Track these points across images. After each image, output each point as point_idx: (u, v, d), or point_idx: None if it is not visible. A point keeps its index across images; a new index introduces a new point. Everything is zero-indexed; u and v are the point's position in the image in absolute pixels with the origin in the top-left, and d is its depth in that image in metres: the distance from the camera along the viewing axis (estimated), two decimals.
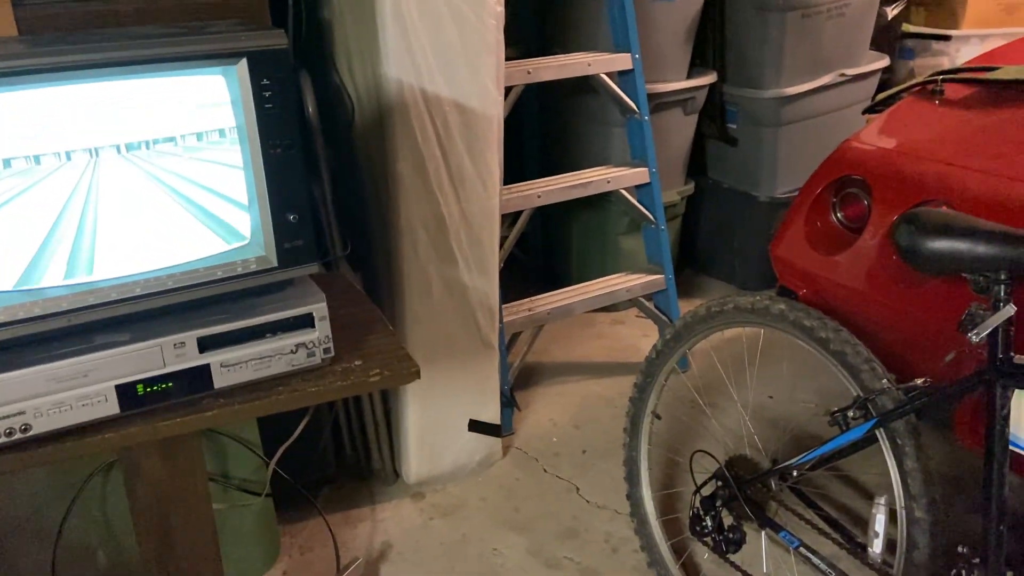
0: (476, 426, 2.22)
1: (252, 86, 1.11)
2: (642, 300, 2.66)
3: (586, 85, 2.53)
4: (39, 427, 1.07)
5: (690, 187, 3.11)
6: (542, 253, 3.35)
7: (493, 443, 2.30)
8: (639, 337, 2.94)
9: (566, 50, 2.60)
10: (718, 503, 1.67)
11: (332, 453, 2.21)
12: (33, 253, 1.07)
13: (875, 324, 1.69)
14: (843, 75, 2.99)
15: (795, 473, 1.60)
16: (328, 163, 2.07)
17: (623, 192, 2.57)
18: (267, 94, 1.13)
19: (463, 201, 2.03)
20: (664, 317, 2.69)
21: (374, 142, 1.99)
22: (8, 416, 1.04)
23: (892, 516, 1.44)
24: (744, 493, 1.63)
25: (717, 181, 3.21)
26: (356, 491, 2.20)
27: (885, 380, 1.43)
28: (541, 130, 3.18)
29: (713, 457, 1.75)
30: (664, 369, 1.82)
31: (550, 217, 3.16)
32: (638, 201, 2.62)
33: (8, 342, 1.06)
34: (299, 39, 2.04)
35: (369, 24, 1.85)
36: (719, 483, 1.68)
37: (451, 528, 2.08)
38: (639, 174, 2.56)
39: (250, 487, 1.86)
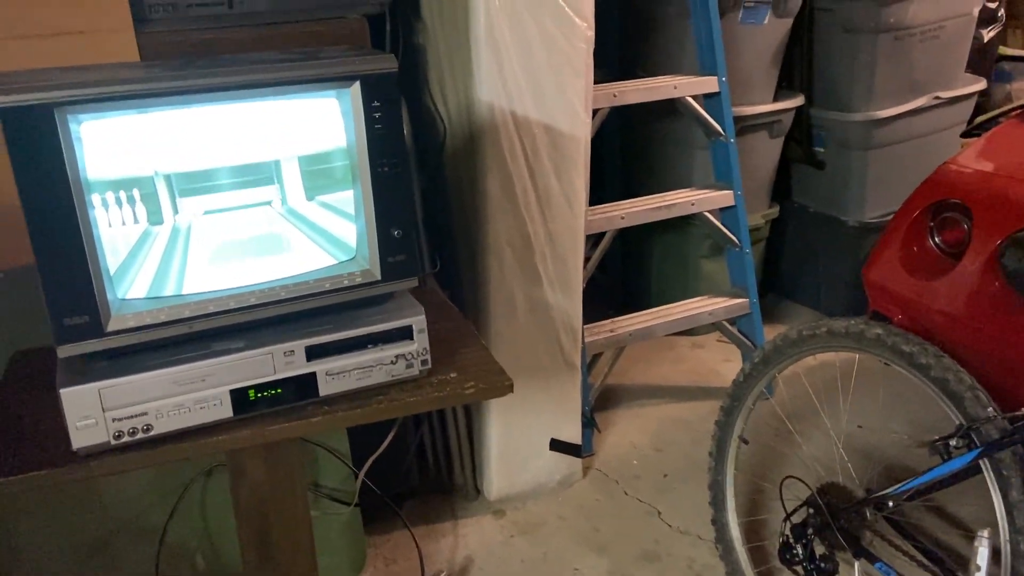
0: (557, 445, 2.23)
1: (364, 108, 1.17)
2: (725, 324, 2.63)
3: (669, 107, 2.54)
4: (160, 428, 1.13)
5: (775, 210, 3.07)
6: (621, 274, 3.35)
7: (573, 463, 2.30)
8: (720, 362, 2.90)
9: (649, 73, 2.61)
10: (810, 531, 1.64)
11: (416, 467, 2.25)
12: (158, 264, 1.14)
13: (976, 351, 1.63)
14: (937, 98, 2.92)
15: (891, 503, 1.56)
16: (418, 183, 2.13)
17: (707, 214, 2.56)
18: (377, 115, 1.18)
19: (549, 221, 2.06)
20: (748, 342, 2.65)
21: (463, 163, 2.04)
22: (133, 416, 1.11)
23: (995, 551, 1.39)
24: (838, 522, 1.59)
25: (803, 205, 3.15)
26: (438, 505, 2.23)
27: (990, 408, 1.38)
28: (622, 151, 3.19)
29: (805, 484, 1.71)
30: (752, 393, 1.80)
31: (630, 238, 3.17)
32: (722, 224, 2.60)
33: (136, 346, 1.13)
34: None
35: (463, 49, 1.91)
36: (811, 511, 1.65)
37: (532, 546, 2.09)
38: (724, 197, 2.54)
39: (339, 496, 1.91)
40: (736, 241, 2.59)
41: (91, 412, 1.09)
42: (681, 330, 2.62)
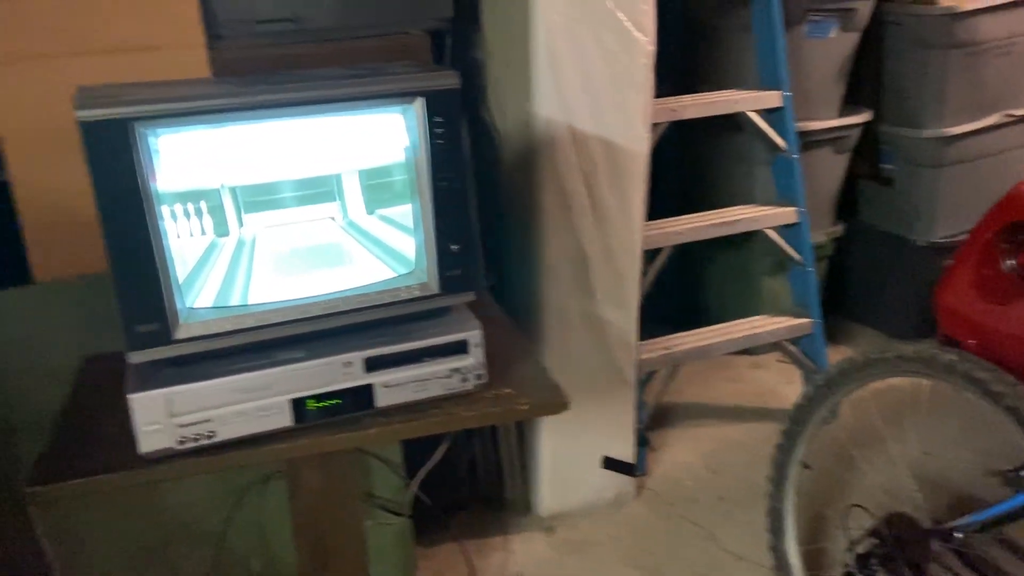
0: (610, 464, 2.20)
1: (426, 123, 1.18)
2: (786, 344, 2.57)
3: (729, 121, 2.51)
4: (222, 434, 1.16)
5: (839, 229, 3.00)
6: (677, 290, 3.30)
7: (626, 482, 2.27)
8: (780, 383, 2.83)
9: (709, 86, 2.58)
10: (874, 562, 1.58)
11: (468, 480, 2.25)
12: (224, 275, 1.17)
13: None
14: (1009, 116, 2.82)
15: (959, 535, 1.50)
16: (474, 197, 2.14)
17: (769, 232, 2.51)
18: (439, 131, 1.19)
19: (606, 237, 2.05)
20: (810, 363, 2.58)
21: (520, 178, 2.04)
22: (198, 423, 1.14)
23: None
24: (903, 553, 1.54)
25: (869, 223, 3.07)
26: (489, 520, 2.22)
27: None
28: (679, 165, 3.16)
29: (869, 513, 1.66)
30: (815, 417, 1.75)
31: (687, 254, 3.11)
32: (785, 241, 2.54)
33: (202, 354, 1.15)
34: None
35: (521, 64, 1.92)
36: (876, 541, 1.59)
37: (583, 565, 2.07)
38: (787, 214, 2.49)
39: (392, 507, 1.92)
40: (800, 259, 2.54)
41: (158, 417, 1.12)
42: (740, 349, 2.57)
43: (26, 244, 1.59)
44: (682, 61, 2.94)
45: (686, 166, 3.09)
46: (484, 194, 2.21)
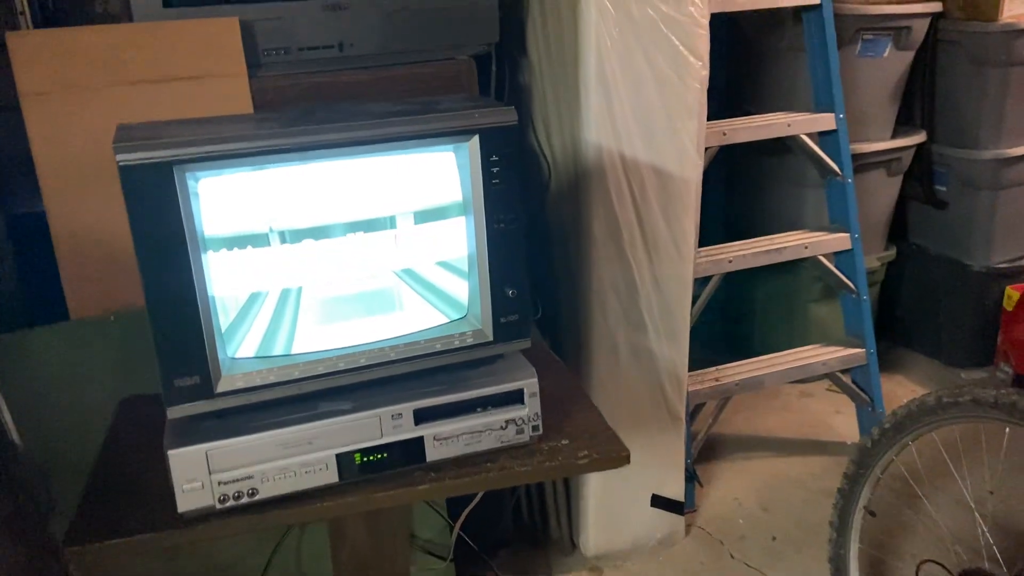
0: (659, 502, 2.12)
1: (481, 162, 1.11)
2: (838, 374, 2.47)
3: (778, 144, 2.41)
4: (265, 492, 1.09)
5: (891, 252, 2.89)
6: (720, 316, 3.20)
7: (675, 520, 2.18)
8: (831, 413, 2.72)
9: (758, 108, 2.50)
10: None
11: (511, 516, 2.17)
12: (268, 322, 1.11)
13: None
14: None
15: None
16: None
17: (821, 258, 2.41)
18: (495, 170, 1.12)
19: (656, 266, 1.97)
20: (863, 395, 2.48)
21: (568, 205, 1.97)
22: (239, 480, 1.08)
23: None
24: None
25: (921, 246, 2.96)
26: (532, 558, 2.14)
27: None
28: (724, 190, 3.07)
29: (944, 568, 1.55)
30: (880, 461, 1.65)
31: (730, 278, 3.02)
32: (836, 267, 2.44)
33: (243, 407, 1.09)
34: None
35: (571, 89, 1.85)
36: None
37: None
38: (840, 240, 2.39)
39: (434, 549, 1.85)
40: (852, 287, 2.44)
41: (198, 475, 1.06)
42: (791, 380, 2.47)
43: (62, 279, 1.55)
44: (729, 82, 2.86)
45: (734, 190, 3.00)
46: (530, 221, 2.14)
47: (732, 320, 3.11)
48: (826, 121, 2.34)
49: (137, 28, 1.53)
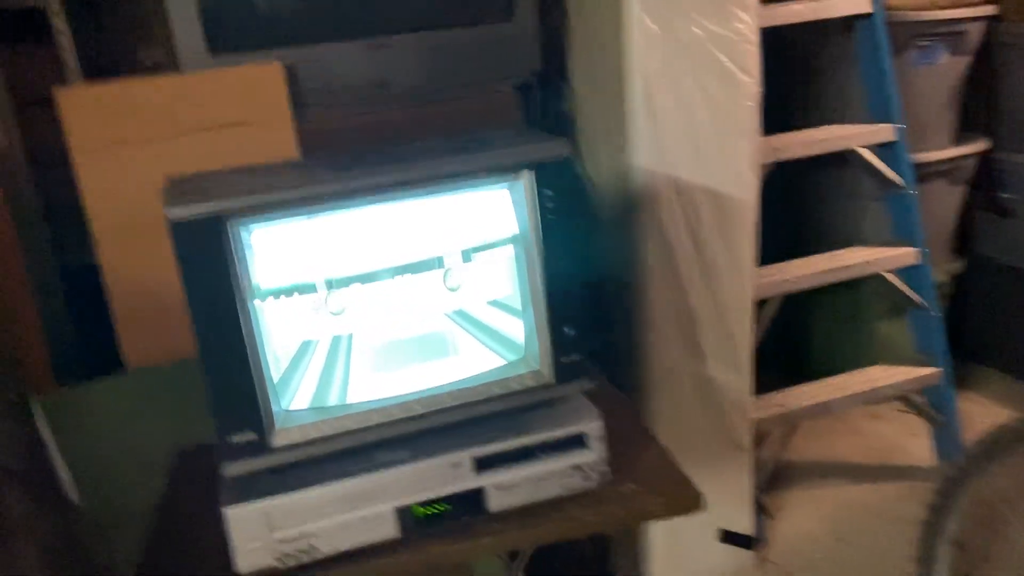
0: (728, 537, 2.03)
1: (535, 197, 1.07)
2: (910, 395, 2.36)
3: (832, 158, 2.33)
4: (324, 549, 1.06)
5: (958, 264, 2.76)
6: (779, 335, 3.09)
7: (745, 555, 2.09)
8: (905, 436, 2.60)
9: (809, 122, 2.42)
10: None
11: (572, 552, 2.10)
12: (320, 372, 1.07)
13: None
14: None
15: None
16: None
17: (886, 273, 2.31)
18: (550, 204, 1.08)
19: (714, 291, 1.90)
20: (937, 416, 2.36)
21: (618, 234, 1.92)
22: (298, 538, 1.04)
23: None
24: None
25: (988, 257, 2.82)
26: None
27: None
28: (778, 206, 2.97)
29: None
30: (968, 490, 1.55)
31: (787, 298, 2.93)
32: (904, 282, 2.34)
33: (298, 462, 1.06)
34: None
35: (617, 115, 1.81)
36: None
37: None
38: (906, 255, 2.29)
39: None
40: (922, 302, 2.33)
41: (256, 533, 1.03)
42: (861, 403, 2.36)
43: (116, 330, 1.55)
44: (775, 96, 2.78)
45: (786, 206, 2.90)
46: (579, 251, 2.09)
47: (789, 341, 3.00)
48: (884, 132, 2.25)
49: (183, 80, 1.54)
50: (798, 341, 2.93)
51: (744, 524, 2.06)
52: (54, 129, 1.49)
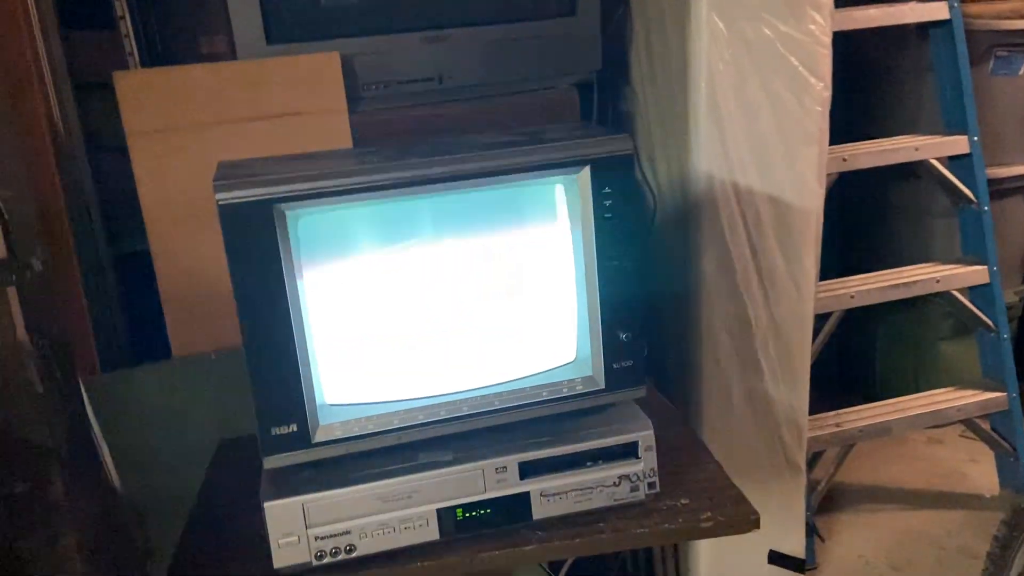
0: (777, 558, 1.95)
1: (593, 195, 1.03)
2: (975, 421, 2.24)
3: (900, 170, 2.23)
4: (363, 548, 1.03)
5: None
6: (836, 354, 2.99)
7: None
8: (965, 462, 2.48)
9: (878, 132, 2.32)
10: None
11: (615, 568, 2.04)
12: (366, 368, 1.05)
13: None
14: None
15: None
16: None
17: (954, 293, 2.21)
18: (607, 203, 1.04)
19: (772, 304, 1.83)
20: (1004, 443, 2.24)
21: (675, 239, 1.86)
22: (336, 535, 1.01)
23: None
24: None
25: None
26: None
27: None
28: (839, 219, 2.87)
29: None
30: None
31: (848, 316, 2.82)
32: (971, 302, 2.23)
33: (340, 457, 1.03)
34: None
35: (679, 117, 1.75)
36: None
37: None
38: (976, 273, 2.18)
39: None
40: (990, 324, 2.22)
41: (294, 528, 1.00)
42: (923, 427, 2.26)
43: (166, 318, 1.55)
44: (842, 104, 2.68)
45: (846, 220, 2.81)
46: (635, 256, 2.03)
47: (848, 360, 2.90)
48: (958, 144, 2.15)
49: (240, 66, 1.53)
50: (857, 360, 2.83)
51: (795, 546, 1.97)
52: (112, 115, 1.49)
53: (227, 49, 1.69)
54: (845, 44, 2.55)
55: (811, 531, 2.10)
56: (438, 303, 1.05)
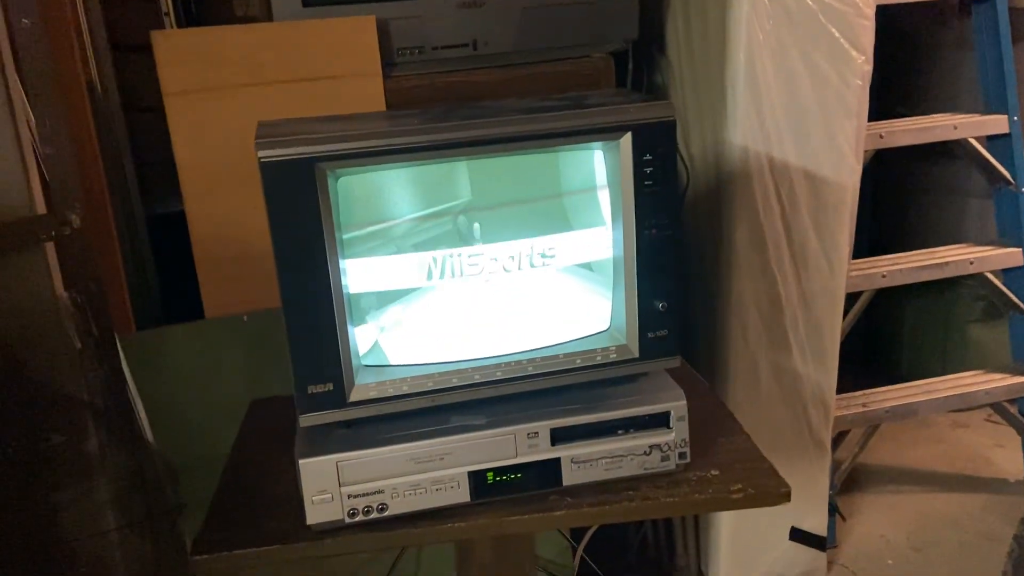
0: (799, 535, 1.95)
1: (633, 162, 1.02)
2: (1004, 405, 2.22)
3: (935, 149, 2.19)
4: (394, 508, 1.03)
5: None
6: (862, 337, 2.96)
7: (815, 556, 2.00)
8: (990, 447, 2.46)
9: (914, 109, 2.28)
10: None
11: (636, 542, 2.06)
12: (403, 329, 1.05)
13: None
14: None
15: None
16: None
17: (988, 275, 2.17)
18: (648, 170, 1.03)
19: (804, 280, 1.81)
20: None
21: (707, 213, 1.85)
22: (369, 494, 1.02)
23: None
24: None
25: None
26: None
27: None
28: (871, 197, 2.83)
29: None
30: None
31: (877, 296, 2.80)
32: (1006, 286, 2.20)
33: (374, 417, 1.04)
34: None
35: (715, 88, 1.73)
36: None
37: None
38: (1011, 255, 2.15)
39: (554, 569, 1.76)
40: (1023, 307, 2.19)
41: (328, 486, 1.01)
42: (950, 409, 2.24)
43: (199, 279, 1.56)
44: (879, 80, 2.64)
45: (878, 198, 2.77)
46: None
47: (874, 339, 2.88)
48: (998, 124, 2.11)
49: (276, 28, 1.52)
50: (883, 339, 2.81)
51: (817, 524, 1.97)
52: (149, 75, 1.50)
53: (261, 13, 1.69)
54: (884, 18, 2.51)
55: (834, 510, 2.10)
56: (474, 269, 1.05)
